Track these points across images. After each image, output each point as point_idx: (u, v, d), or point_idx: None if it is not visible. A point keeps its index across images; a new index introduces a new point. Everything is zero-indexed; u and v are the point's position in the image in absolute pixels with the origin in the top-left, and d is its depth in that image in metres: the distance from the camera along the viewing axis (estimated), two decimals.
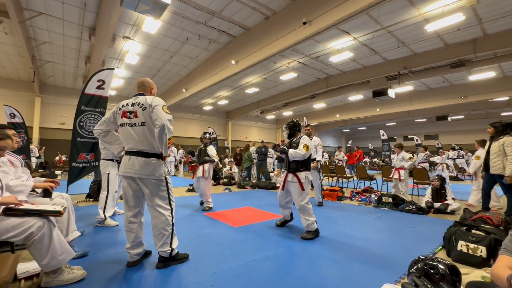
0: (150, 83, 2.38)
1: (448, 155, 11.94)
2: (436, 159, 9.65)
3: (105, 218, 3.45)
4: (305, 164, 3.19)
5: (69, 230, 2.28)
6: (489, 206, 4.18)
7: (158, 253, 2.22)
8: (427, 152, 8.71)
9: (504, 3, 6.66)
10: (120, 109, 2.23)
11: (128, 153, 2.20)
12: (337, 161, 11.14)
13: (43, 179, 2.48)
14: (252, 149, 9.52)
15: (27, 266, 1.99)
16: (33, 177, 2.58)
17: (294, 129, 3.38)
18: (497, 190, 4.40)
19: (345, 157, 11.64)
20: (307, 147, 3.11)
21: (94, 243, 2.80)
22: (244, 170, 9.57)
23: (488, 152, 4.03)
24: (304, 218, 3.09)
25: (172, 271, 2.15)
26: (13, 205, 1.65)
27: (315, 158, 5.02)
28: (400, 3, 6.67)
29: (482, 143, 5.08)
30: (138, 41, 9.11)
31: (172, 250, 2.19)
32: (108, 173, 3.50)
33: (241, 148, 10.32)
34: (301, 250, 2.67)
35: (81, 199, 5.18)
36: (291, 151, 3.16)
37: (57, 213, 1.74)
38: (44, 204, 2.01)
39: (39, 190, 2.28)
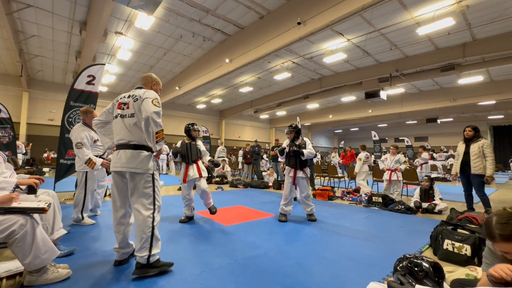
0: (154, 78, 2.32)
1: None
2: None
3: (82, 218, 3.33)
4: (307, 161, 3.96)
5: (55, 228, 2.22)
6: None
7: (135, 258, 2.03)
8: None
9: (492, 9, 6.85)
10: (117, 100, 2.21)
11: (118, 146, 2.13)
12: (336, 161, 11.26)
13: (28, 175, 2.41)
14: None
15: (9, 265, 1.93)
16: (18, 174, 2.51)
17: (298, 132, 4.03)
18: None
19: (340, 159, 11.71)
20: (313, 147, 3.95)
21: (80, 241, 2.74)
22: (255, 171, 9.32)
23: (466, 154, 4.19)
24: (308, 205, 3.91)
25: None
26: (12, 204, 1.62)
27: None
28: (393, 6, 6.77)
29: (364, 147, 7.06)
30: (131, 37, 8.97)
31: (149, 256, 1.96)
32: (86, 171, 3.33)
33: (250, 146, 9.86)
34: (291, 248, 2.68)
35: (69, 197, 5.07)
36: (306, 151, 3.77)
37: (41, 210, 1.69)
38: (28, 201, 1.95)
39: (23, 187, 2.22)
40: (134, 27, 8.15)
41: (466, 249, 2.32)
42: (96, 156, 3.43)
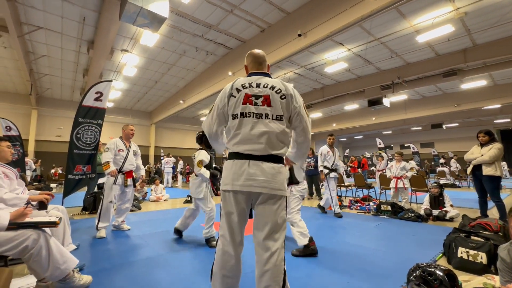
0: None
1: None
2: None
3: (97, 229, 3.43)
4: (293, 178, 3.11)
5: (65, 243, 2.24)
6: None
7: None
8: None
9: (491, 14, 6.92)
10: (235, 90, 1.51)
11: (245, 156, 1.46)
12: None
13: (38, 192, 2.45)
14: None
15: (20, 282, 1.94)
16: (28, 190, 2.55)
17: None
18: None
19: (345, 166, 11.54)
20: None
21: (90, 256, 2.74)
22: None
23: None
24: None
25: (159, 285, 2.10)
26: (26, 219, 1.67)
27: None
28: (391, 15, 6.90)
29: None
30: (136, 53, 9.24)
31: None
32: (104, 183, 3.52)
33: None
34: (301, 260, 2.63)
35: (77, 212, 5.09)
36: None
37: (53, 224, 1.72)
38: (39, 217, 1.98)
39: (34, 203, 2.25)
40: (139, 44, 8.42)
41: (482, 257, 2.25)
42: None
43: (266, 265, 1.36)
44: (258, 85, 1.51)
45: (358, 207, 5.65)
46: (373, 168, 19.43)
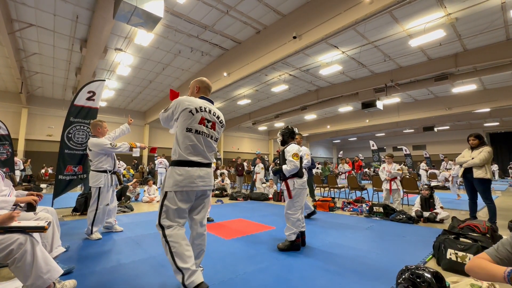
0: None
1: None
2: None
3: (92, 232, 3.36)
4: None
5: (53, 246, 2.19)
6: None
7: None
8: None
9: (481, 21, 7.09)
10: (197, 110, 1.95)
11: (198, 164, 1.96)
12: (340, 173, 11.14)
13: (26, 192, 2.40)
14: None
15: (7, 285, 1.89)
16: (16, 190, 2.50)
17: (286, 136, 3.32)
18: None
19: (349, 167, 11.56)
20: (296, 155, 3.06)
21: (79, 259, 2.69)
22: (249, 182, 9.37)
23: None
24: (286, 226, 3.13)
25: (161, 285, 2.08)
26: (13, 222, 1.61)
27: None
28: (385, 19, 7.00)
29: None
30: (130, 53, 9.15)
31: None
32: (100, 187, 3.38)
33: (241, 159, 10.14)
34: (294, 262, 2.64)
35: (67, 213, 5.00)
36: (284, 167, 3.08)
37: (41, 229, 1.67)
38: (27, 219, 1.94)
39: (22, 204, 2.20)
40: (134, 43, 8.34)
41: (470, 258, 2.30)
42: (104, 171, 3.46)
43: (203, 233, 2.09)
44: (210, 111, 2.03)
45: (351, 209, 5.70)
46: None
